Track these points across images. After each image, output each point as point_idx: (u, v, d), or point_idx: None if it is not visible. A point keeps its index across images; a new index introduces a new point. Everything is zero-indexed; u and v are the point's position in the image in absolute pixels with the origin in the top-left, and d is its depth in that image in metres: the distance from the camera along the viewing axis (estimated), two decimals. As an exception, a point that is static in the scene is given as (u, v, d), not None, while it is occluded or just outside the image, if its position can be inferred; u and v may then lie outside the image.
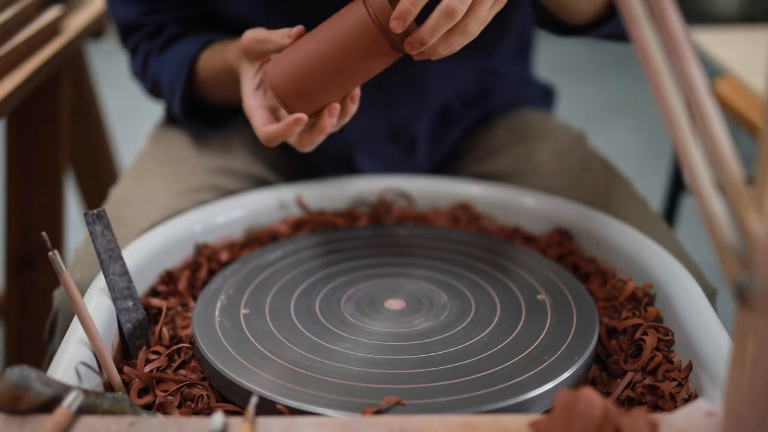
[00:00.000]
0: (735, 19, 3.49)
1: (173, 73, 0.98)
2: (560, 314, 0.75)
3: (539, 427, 0.53)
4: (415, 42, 0.72)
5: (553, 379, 0.66)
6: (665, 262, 0.80)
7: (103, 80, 1.78)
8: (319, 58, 0.74)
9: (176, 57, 0.98)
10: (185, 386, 0.69)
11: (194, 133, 1.07)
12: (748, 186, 0.44)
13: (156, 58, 1.01)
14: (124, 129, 2.41)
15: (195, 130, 1.06)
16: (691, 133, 0.45)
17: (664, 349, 0.73)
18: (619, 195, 0.98)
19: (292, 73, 0.74)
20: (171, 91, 0.99)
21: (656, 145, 2.63)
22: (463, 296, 0.79)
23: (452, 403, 0.63)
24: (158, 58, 1.00)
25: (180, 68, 0.97)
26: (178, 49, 0.99)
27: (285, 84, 0.75)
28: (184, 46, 0.99)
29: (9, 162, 1.30)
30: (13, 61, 1.04)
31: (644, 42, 0.45)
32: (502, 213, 0.96)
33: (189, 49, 0.98)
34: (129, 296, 0.75)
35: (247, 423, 0.54)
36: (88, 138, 1.50)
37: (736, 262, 0.44)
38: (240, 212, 0.94)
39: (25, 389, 0.54)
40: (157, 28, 1.01)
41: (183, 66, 0.97)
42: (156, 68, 1.00)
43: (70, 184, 1.50)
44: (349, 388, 0.65)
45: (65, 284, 0.66)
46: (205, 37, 0.99)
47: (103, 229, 0.73)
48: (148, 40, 1.02)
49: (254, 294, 0.79)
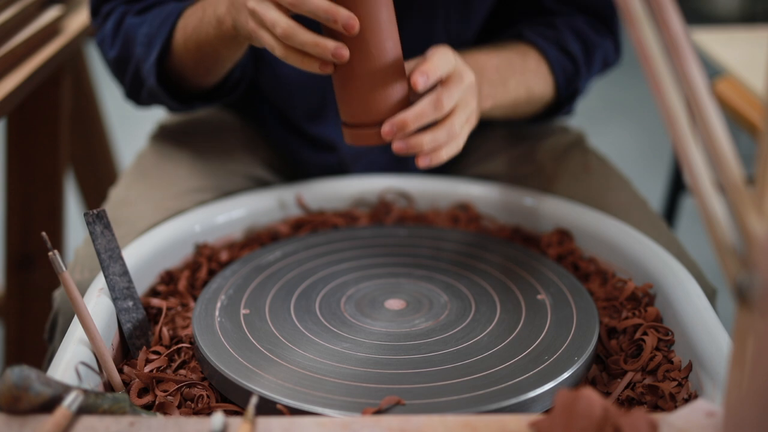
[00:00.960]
0: (735, 19, 3.49)
1: (154, 28, 0.90)
2: (560, 314, 0.75)
3: (539, 427, 0.53)
4: (396, 123, 0.71)
5: (553, 379, 0.66)
6: (665, 262, 0.80)
7: (103, 80, 1.78)
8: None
9: (159, 14, 0.91)
10: (185, 386, 0.69)
11: (194, 135, 1.07)
12: (748, 186, 0.44)
13: (134, 17, 0.93)
14: (124, 129, 2.41)
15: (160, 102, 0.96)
16: (691, 133, 0.45)
17: (664, 349, 0.73)
18: (619, 195, 0.98)
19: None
20: (147, 48, 0.90)
21: (656, 145, 2.63)
22: (463, 296, 0.79)
23: (452, 403, 0.63)
24: (137, 16, 0.93)
25: (164, 22, 0.90)
26: (162, 9, 0.92)
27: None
28: (170, 7, 0.92)
29: (9, 162, 1.30)
30: (13, 61, 1.04)
31: (644, 42, 0.45)
32: (502, 213, 0.96)
33: (175, 7, 0.91)
34: (129, 296, 0.75)
35: (247, 423, 0.54)
36: (88, 138, 1.50)
37: (736, 262, 0.44)
38: (240, 212, 0.94)
39: (25, 389, 0.54)
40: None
41: (168, 19, 0.89)
42: (132, 25, 0.92)
43: (70, 184, 1.50)
44: (349, 388, 0.65)
45: (65, 284, 0.66)
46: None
47: (103, 229, 0.73)
48: (127, 3, 0.95)
49: (254, 294, 0.79)
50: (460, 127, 0.75)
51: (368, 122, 0.73)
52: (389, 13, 0.72)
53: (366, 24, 0.70)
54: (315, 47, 0.69)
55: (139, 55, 0.92)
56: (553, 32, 0.96)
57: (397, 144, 0.72)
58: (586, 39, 0.98)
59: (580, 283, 0.80)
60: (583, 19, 0.99)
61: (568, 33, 0.97)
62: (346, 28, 0.68)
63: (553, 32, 0.96)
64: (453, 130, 0.74)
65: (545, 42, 0.95)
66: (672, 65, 0.45)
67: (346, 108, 0.74)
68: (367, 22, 0.70)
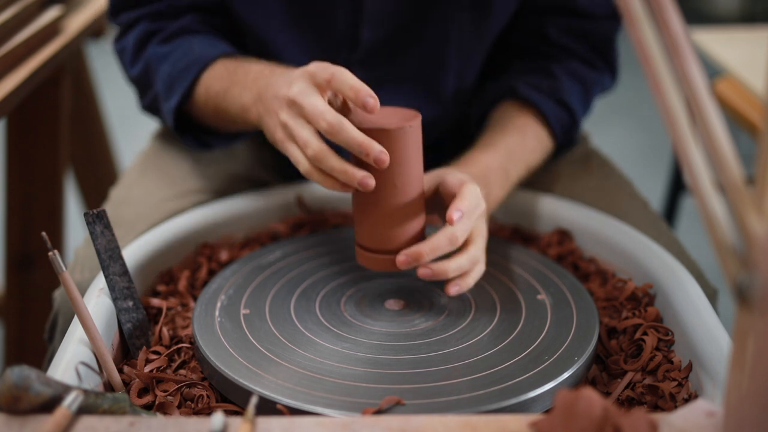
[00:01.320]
0: (735, 19, 3.49)
1: (176, 71, 0.90)
2: (560, 314, 0.75)
3: (539, 427, 0.53)
4: (411, 255, 0.72)
5: (553, 379, 0.66)
6: (665, 262, 0.80)
7: (103, 80, 1.78)
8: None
9: (186, 52, 0.90)
10: (185, 386, 0.69)
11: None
12: (748, 186, 0.44)
13: (159, 44, 0.92)
14: (124, 129, 2.41)
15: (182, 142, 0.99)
16: (691, 133, 0.45)
17: (664, 349, 0.73)
18: (619, 195, 0.99)
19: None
20: (167, 90, 0.91)
21: (656, 145, 2.63)
22: (463, 296, 0.79)
23: (452, 403, 0.63)
24: (162, 44, 0.92)
25: (188, 69, 0.89)
26: (189, 44, 0.91)
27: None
28: (198, 44, 0.90)
29: (9, 162, 1.30)
30: (13, 61, 1.04)
31: (644, 42, 0.45)
32: (502, 213, 0.96)
33: (204, 50, 0.89)
34: (129, 296, 0.75)
35: (247, 423, 0.54)
36: (88, 138, 1.51)
37: (736, 262, 0.44)
38: (240, 212, 0.94)
39: (25, 389, 0.54)
40: (168, 9, 0.93)
41: (194, 66, 0.89)
42: (155, 56, 0.92)
43: (70, 184, 1.50)
44: (349, 388, 0.65)
45: (65, 284, 0.66)
46: (225, 47, 0.91)
47: (103, 229, 0.73)
48: (152, 21, 0.94)
49: (254, 294, 0.79)
50: (481, 252, 0.75)
51: (383, 249, 0.74)
52: (418, 151, 0.73)
53: (395, 159, 0.71)
54: (343, 174, 0.70)
55: (159, 91, 0.92)
56: (550, 82, 0.96)
57: (423, 270, 0.72)
58: (584, 80, 0.98)
59: (580, 283, 0.80)
60: (579, 60, 0.99)
61: (566, 79, 0.97)
62: (377, 162, 0.69)
63: (549, 82, 0.96)
64: (474, 256, 0.74)
65: (541, 97, 0.94)
66: (672, 65, 0.45)
67: (363, 232, 0.75)
68: (396, 158, 0.71)
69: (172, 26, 0.93)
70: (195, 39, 0.92)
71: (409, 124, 0.71)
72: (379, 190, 0.72)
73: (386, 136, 0.70)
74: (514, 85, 0.96)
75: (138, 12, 0.94)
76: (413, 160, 0.72)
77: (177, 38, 0.92)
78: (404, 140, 0.71)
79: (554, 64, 0.98)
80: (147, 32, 0.93)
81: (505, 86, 0.97)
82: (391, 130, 0.70)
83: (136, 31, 0.94)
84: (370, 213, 0.74)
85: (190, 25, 0.93)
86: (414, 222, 0.74)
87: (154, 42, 0.93)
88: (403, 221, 0.74)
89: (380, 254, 0.75)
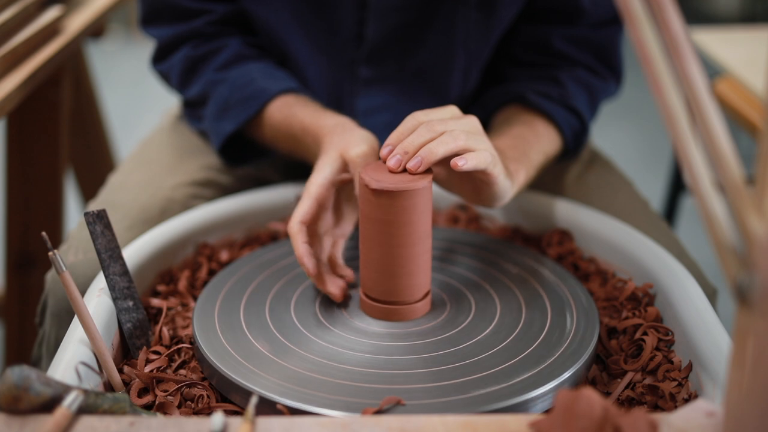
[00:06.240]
0: (735, 19, 3.49)
1: (234, 99, 0.92)
2: (560, 314, 0.75)
3: (539, 427, 0.53)
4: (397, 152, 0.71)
5: (553, 379, 0.66)
6: (665, 262, 0.80)
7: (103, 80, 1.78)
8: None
9: (246, 82, 0.93)
10: (185, 386, 0.69)
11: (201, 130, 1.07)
12: (748, 186, 0.44)
13: (216, 71, 0.95)
14: (124, 129, 2.41)
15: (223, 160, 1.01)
16: (691, 133, 0.45)
17: (664, 349, 0.73)
18: (619, 195, 0.99)
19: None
20: (221, 112, 0.94)
21: (656, 145, 2.63)
22: (463, 296, 0.79)
23: (452, 403, 0.63)
24: (218, 71, 0.95)
25: (250, 99, 0.92)
26: (247, 72, 0.94)
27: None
28: (260, 76, 0.93)
29: (9, 162, 1.30)
30: (13, 62, 1.04)
31: (644, 42, 0.45)
32: (502, 213, 0.96)
33: (266, 83, 0.92)
34: (129, 296, 0.75)
35: (247, 423, 0.54)
36: (88, 138, 1.51)
37: (736, 262, 0.44)
38: (240, 212, 0.94)
39: (25, 389, 0.54)
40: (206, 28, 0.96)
41: (255, 100, 0.91)
42: (213, 79, 0.95)
43: (70, 183, 1.50)
44: (349, 388, 0.65)
45: (66, 284, 0.66)
46: (288, 81, 0.93)
47: (104, 229, 0.73)
48: (195, 45, 0.96)
49: (254, 294, 0.79)
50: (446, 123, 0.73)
51: (386, 300, 0.75)
52: (427, 210, 0.73)
53: (404, 219, 0.71)
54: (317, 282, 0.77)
55: (212, 111, 0.95)
56: (558, 89, 0.96)
57: (392, 161, 0.71)
58: (590, 87, 0.98)
59: (581, 283, 0.80)
60: (584, 68, 0.99)
61: (573, 86, 0.97)
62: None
63: (557, 90, 0.96)
64: (434, 128, 0.72)
65: (551, 104, 0.94)
66: (672, 65, 0.45)
67: (367, 282, 0.75)
68: (404, 217, 0.71)
69: (223, 55, 0.95)
70: (252, 66, 0.95)
71: (418, 185, 0.70)
72: (384, 247, 0.72)
73: (395, 196, 0.70)
74: (523, 93, 0.95)
75: (175, 29, 0.97)
76: (422, 219, 0.72)
77: (233, 66, 0.95)
78: (413, 200, 0.71)
79: (560, 73, 0.98)
80: (196, 57, 0.96)
81: (509, 92, 0.97)
82: (400, 192, 0.70)
83: (182, 53, 0.96)
84: (375, 267, 0.74)
85: (242, 52, 0.96)
86: (418, 277, 0.74)
87: (209, 68, 0.95)
88: (408, 277, 0.74)
89: (383, 304, 0.75)
